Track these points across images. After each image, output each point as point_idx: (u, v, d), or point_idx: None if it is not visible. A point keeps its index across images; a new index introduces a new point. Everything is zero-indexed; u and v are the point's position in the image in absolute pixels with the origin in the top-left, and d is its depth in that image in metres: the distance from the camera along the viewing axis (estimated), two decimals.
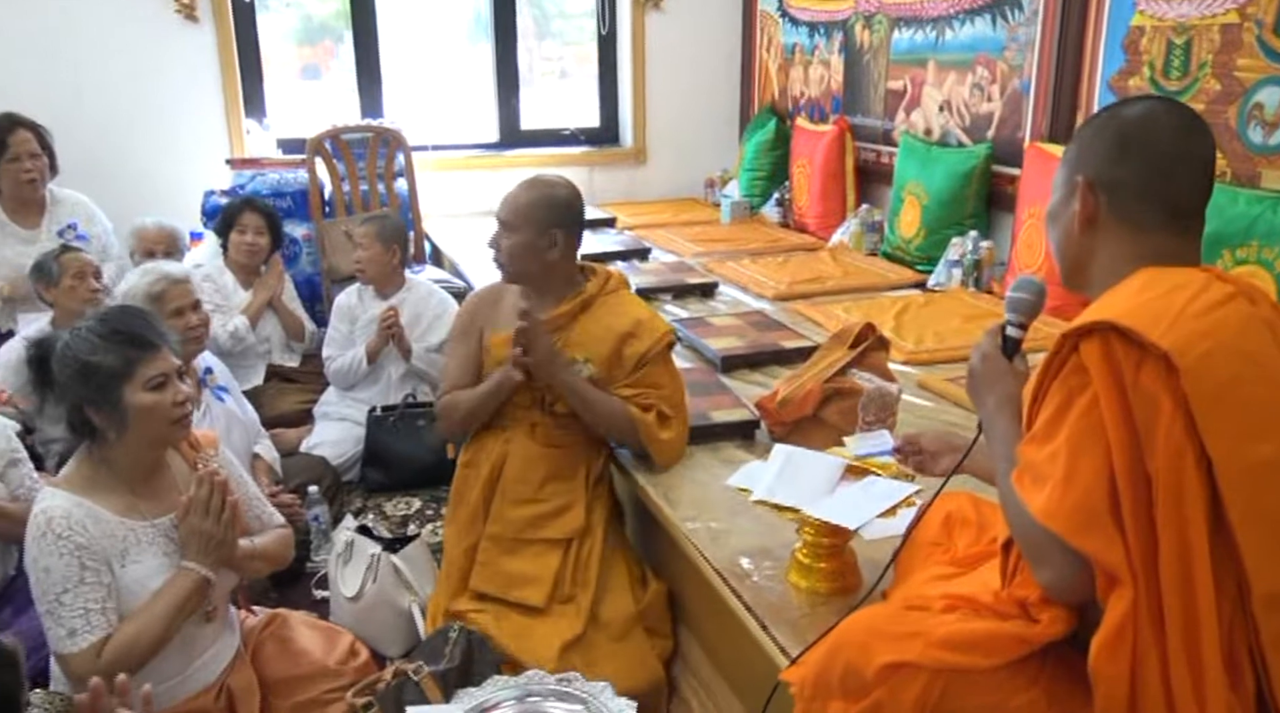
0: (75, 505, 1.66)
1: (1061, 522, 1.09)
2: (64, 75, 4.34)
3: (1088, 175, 1.23)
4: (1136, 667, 1.07)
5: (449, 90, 5.28)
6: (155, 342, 1.73)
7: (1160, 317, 1.09)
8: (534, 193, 2.16)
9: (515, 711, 1.76)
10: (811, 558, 1.71)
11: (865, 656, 1.18)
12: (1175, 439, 1.05)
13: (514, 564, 2.10)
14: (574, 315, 2.19)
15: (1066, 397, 1.13)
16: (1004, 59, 3.48)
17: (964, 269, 3.47)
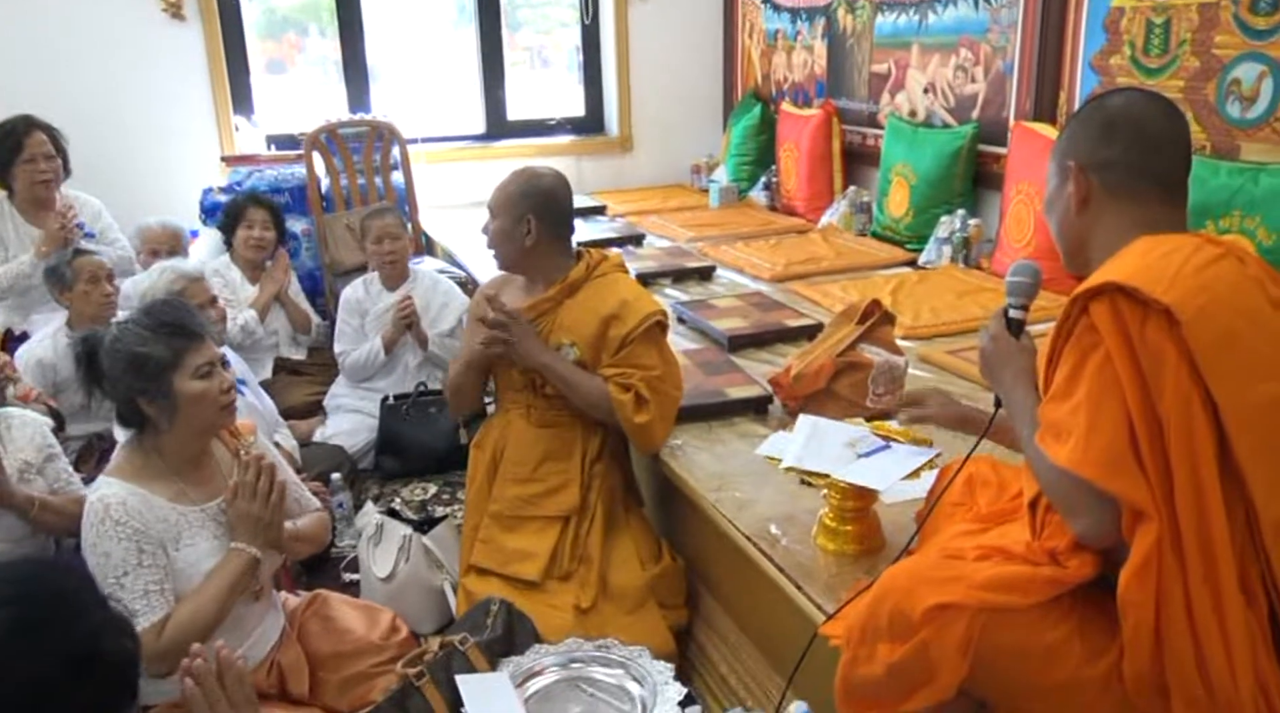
0: (130, 493, 1.73)
1: (1091, 468, 1.18)
2: (54, 77, 4.33)
3: (1078, 160, 1.35)
4: (1161, 594, 1.17)
5: (435, 83, 5.31)
6: (199, 331, 1.80)
7: (1161, 276, 1.19)
8: (515, 182, 2.27)
9: (560, 674, 1.85)
10: (838, 521, 1.80)
11: (911, 600, 1.27)
12: (1181, 385, 1.15)
13: (512, 540, 2.19)
14: (559, 300, 2.26)
15: (1080, 356, 1.22)
16: (987, 41, 3.58)
17: (953, 246, 3.58)
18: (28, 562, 1.46)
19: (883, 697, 1.31)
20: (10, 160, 3.25)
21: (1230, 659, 1.15)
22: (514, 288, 2.34)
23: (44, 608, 0.99)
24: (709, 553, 2.16)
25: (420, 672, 1.79)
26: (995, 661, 1.25)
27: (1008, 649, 1.24)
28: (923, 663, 1.26)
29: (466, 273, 3.93)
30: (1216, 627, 1.15)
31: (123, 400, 1.77)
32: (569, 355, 2.22)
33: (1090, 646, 1.24)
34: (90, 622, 1.01)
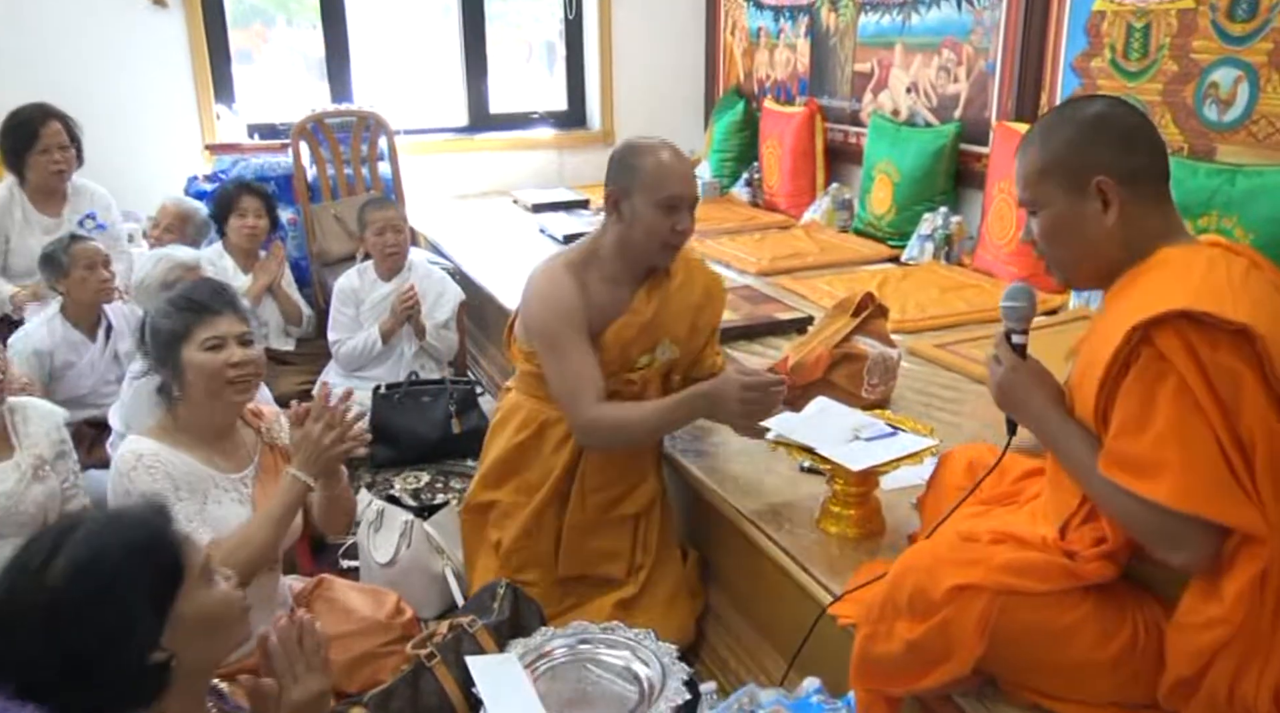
0: (161, 447, 1.80)
1: (1201, 502, 1.16)
2: (35, 64, 4.27)
3: (1103, 172, 1.30)
4: (1249, 613, 1.17)
5: (417, 75, 5.31)
6: (216, 307, 1.85)
7: (1221, 295, 1.18)
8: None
9: (569, 656, 1.89)
10: (841, 506, 1.86)
11: (932, 580, 1.32)
12: (1259, 402, 1.16)
13: (595, 541, 2.14)
14: (665, 297, 2.08)
15: (1149, 386, 1.19)
16: (970, 42, 3.65)
17: (935, 243, 3.65)
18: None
19: (900, 673, 1.37)
20: (26, 149, 3.23)
21: (1262, 674, 1.18)
22: (597, 281, 2.07)
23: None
24: (716, 543, 2.20)
25: (431, 653, 1.82)
26: (1011, 640, 1.30)
27: (1023, 630, 1.30)
28: (942, 641, 1.31)
29: (454, 264, 3.95)
30: (1266, 645, 1.18)
31: (152, 365, 1.87)
32: (667, 355, 2.10)
33: (1102, 630, 1.29)
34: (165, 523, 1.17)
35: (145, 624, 1.09)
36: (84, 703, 1.09)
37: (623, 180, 2.01)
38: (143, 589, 1.09)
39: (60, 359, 2.83)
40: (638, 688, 1.80)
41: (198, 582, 1.16)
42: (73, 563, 1.06)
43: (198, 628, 1.14)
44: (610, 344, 2.04)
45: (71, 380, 2.86)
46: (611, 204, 2.03)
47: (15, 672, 1.06)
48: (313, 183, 4.20)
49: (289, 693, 1.29)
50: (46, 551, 1.08)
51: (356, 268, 3.46)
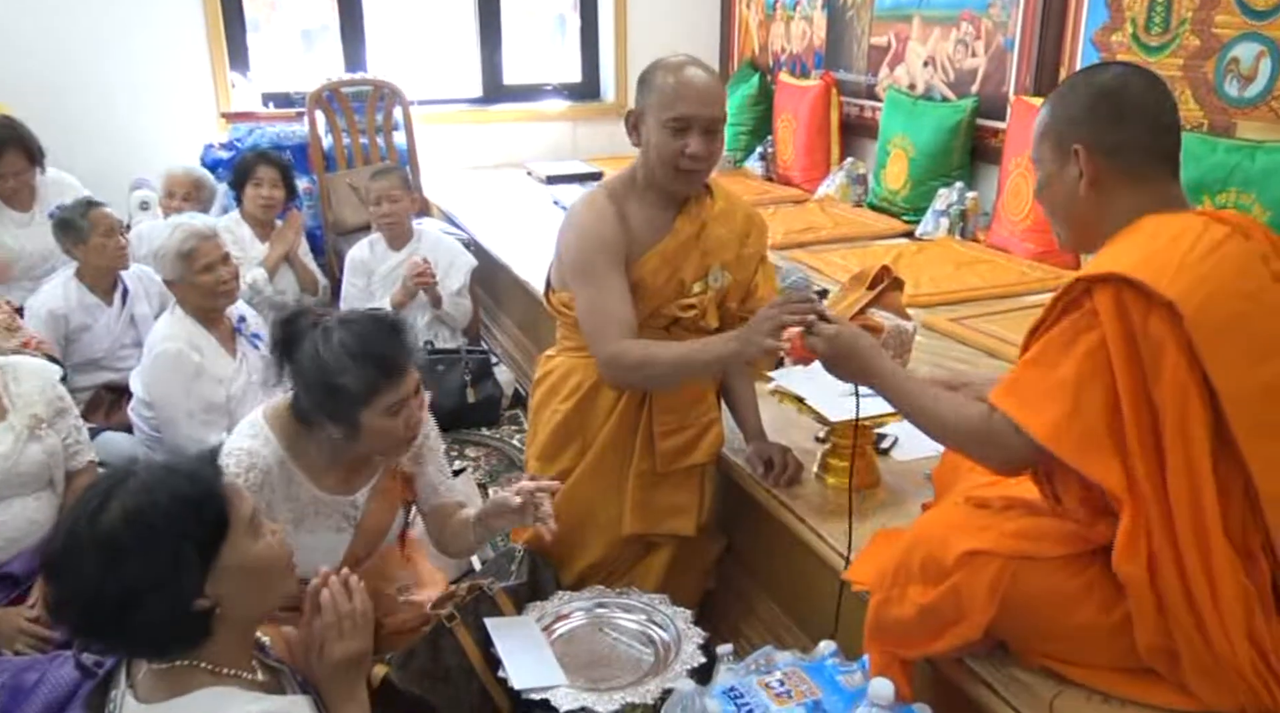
0: (279, 464, 1.70)
1: (1067, 447, 1.23)
2: (51, 30, 4.28)
3: (1085, 142, 1.33)
4: (1153, 564, 1.23)
5: (431, 43, 5.30)
6: (403, 365, 1.68)
7: (1165, 266, 1.21)
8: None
9: (586, 618, 1.92)
10: (840, 458, 1.91)
11: (944, 546, 1.35)
12: (1179, 375, 1.19)
13: (661, 496, 2.04)
14: (704, 219, 2.01)
15: (1073, 333, 1.25)
16: (988, 16, 3.63)
17: (950, 219, 3.65)
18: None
19: (913, 636, 1.39)
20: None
21: (1225, 625, 1.21)
22: (636, 208, 1.98)
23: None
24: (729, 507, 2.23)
25: (451, 613, 1.85)
26: (1021, 604, 1.32)
27: (1033, 594, 1.32)
28: (954, 605, 1.33)
29: (468, 235, 3.96)
30: (1210, 596, 1.21)
31: (305, 404, 1.71)
32: (721, 281, 2.02)
33: (1105, 595, 1.31)
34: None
35: (190, 571, 1.14)
36: (132, 643, 1.17)
37: (638, 100, 1.93)
38: (189, 538, 1.14)
39: (76, 322, 2.86)
40: (653, 651, 1.84)
41: (244, 533, 1.20)
42: (124, 509, 1.13)
43: (242, 578, 1.19)
44: (658, 268, 1.96)
45: (87, 343, 2.88)
46: (631, 126, 1.95)
47: (71, 609, 1.14)
48: (328, 152, 4.21)
49: (331, 651, 1.32)
50: (101, 497, 1.14)
51: (368, 239, 3.47)
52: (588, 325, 1.95)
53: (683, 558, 2.13)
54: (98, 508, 1.13)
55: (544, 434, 2.09)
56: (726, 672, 1.47)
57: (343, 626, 1.33)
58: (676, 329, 2.02)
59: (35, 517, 2.00)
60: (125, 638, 1.16)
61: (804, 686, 1.39)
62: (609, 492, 2.05)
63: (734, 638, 2.13)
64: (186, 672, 1.17)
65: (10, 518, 1.96)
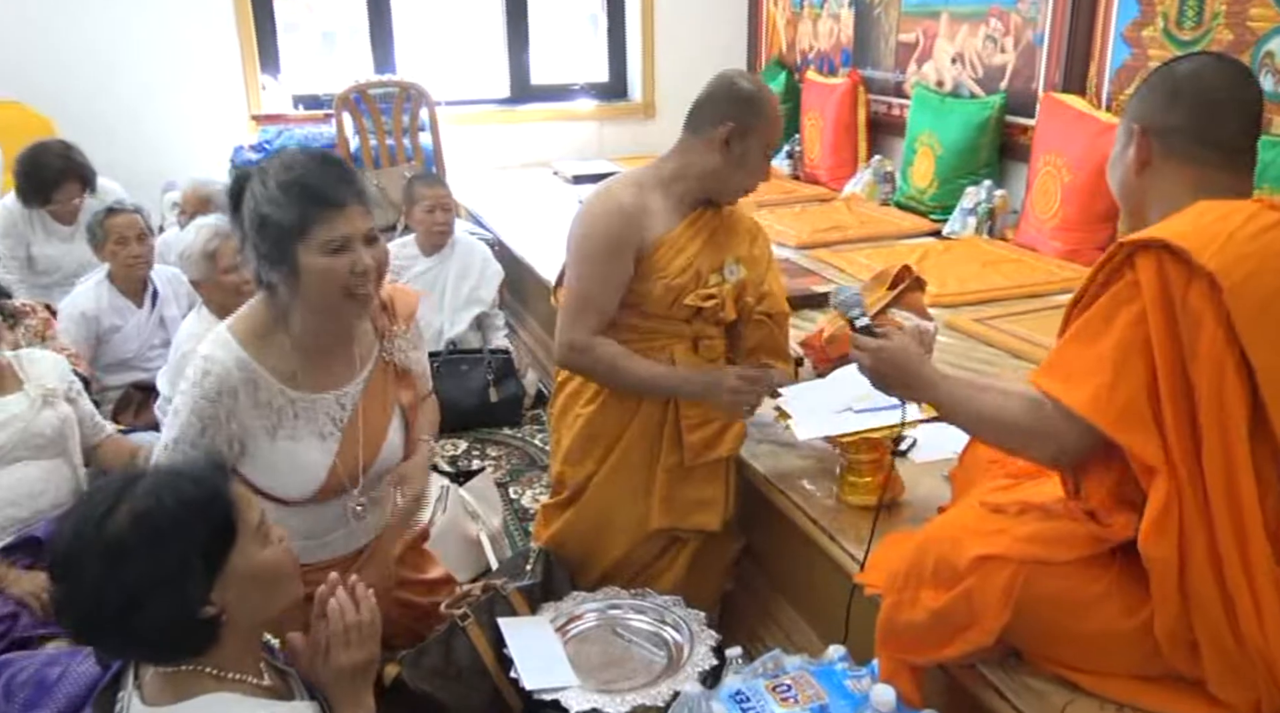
0: (239, 368, 1.57)
1: (1109, 418, 1.21)
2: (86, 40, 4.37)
3: (1142, 123, 1.36)
4: (1185, 549, 1.20)
5: (459, 44, 5.33)
6: (338, 198, 1.54)
7: (1212, 239, 1.19)
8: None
9: (597, 619, 1.92)
10: (856, 474, 1.87)
11: (957, 550, 1.33)
12: (1216, 350, 1.17)
13: (689, 490, 2.03)
14: (713, 220, 2.05)
15: (1114, 305, 1.24)
16: (1018, 11, 3.58)
17: (978, 217, 3.60)
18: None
19: (924, 641, 1.37)
20: (39, 201, 3.31)
21: (1259, 611, 1.19)
22: (656, 205, 1.98)
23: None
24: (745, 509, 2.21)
25: (465, 613, 1.86)
26: (1035, 610, 1.30)
27: (1047, 600, 1.29)
28: (966, 610, 1.31)
29: (494, 235, 3.97)
30: (1245, 581, 1.18)
31: (251, 257, 1.59)
32: (736, 274, 2.03)
33: (1126, 600, 1.28)
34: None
35: (196, 578, 1.13)
36: (135, 648, 1.16)
37: (748, 119, 1.93)
38: (197, 543, 1.14)
39: (107, 323, 2.91)
40: (666, 653, 1.83)
41: (252, 540, 1.20)
42: (133, 513, 1.12)
43: (249, 585, 1.18)
44: (672, 256, 1.97)
45: (118, 344, 2.94)
46: (724, 138, 1.93)
47: (74, 611, 1.13)
48: (355, 153, 4.24)
49: (337, 658, 1.30)
50: (110, 499, 1.13)
51: (398, 241, 3.50)
52: (567, 303, 1.99)
53: (702, 557, 2.12)
54: (106, 511, 1.12)
55: (569, 440, 2.09)
56: (734, 675, 1.46)
57: (349, 635, 1.31)
58: (698, 321, 2.04)
59: (50, 478, 2.11)
60: (127, 642, 1.15)
61: (811, 690, 1.37)
62: (634, 490, 2.06)
63: (750, 640, 2.13)
64: (192, 676, 1.17)
65: (24, 478, 2.07)
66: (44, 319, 2.75)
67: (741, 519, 2.17)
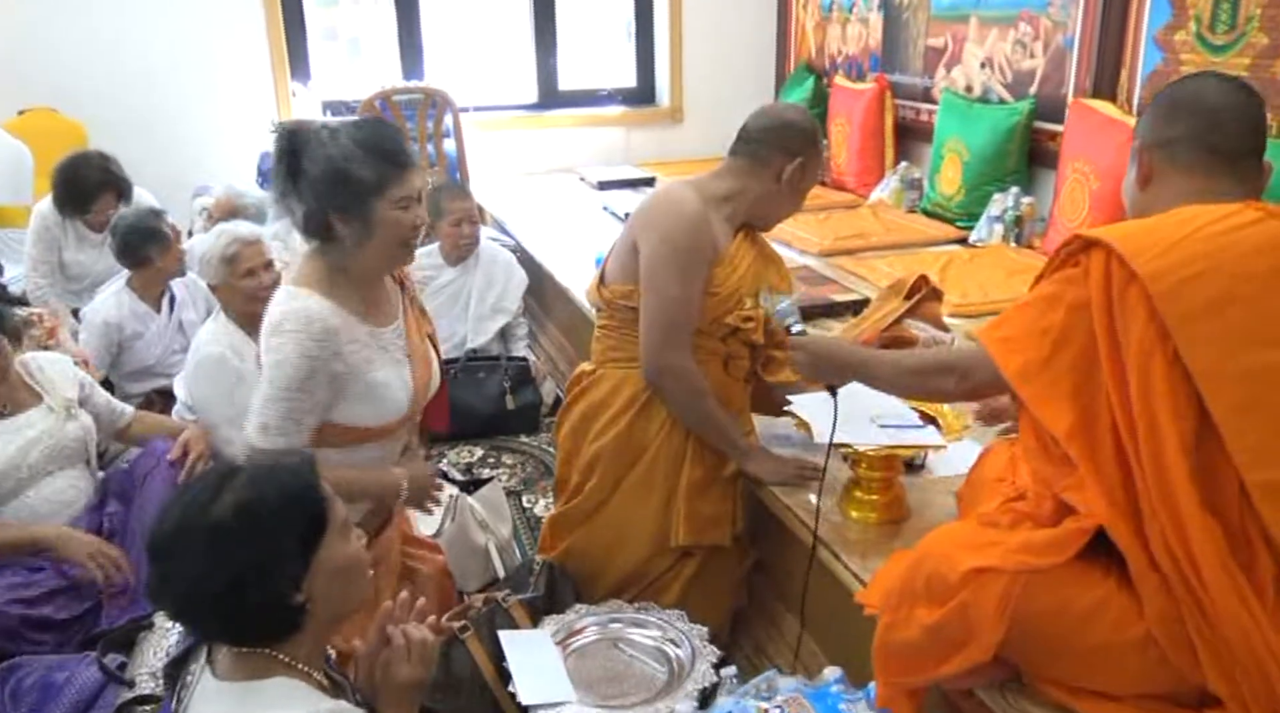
0: (332, 313, 1.69)
1: (1029, 390, 1.29)
2: (112, 40, 4.43)
3: (1143, 141, 1.41)
4: (1143, 526, 1.21)
5: (488, 50, 5.34)
6: (408, 162, 1.73)
7: (1155, 244, 1.24)
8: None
9: (598, 634, 1.90)
10: (864, 491, 1.83)
11: (950, 564, 1.29)
12: (1146, 345, 1.22)
13: (705, 506, 2.03)
14: (750, 241, 2.07)
15: (1064, 285, 1.30)
16: (1048, 15, 3.51)
17: (1005, 225, 3.54)
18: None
19: (920, 660, 1.34)
20: (76, 212, 3.35)
21: (1210, 595, 1.17)
22: (713, 217, 1.98)
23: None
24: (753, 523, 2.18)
25: (464, 625, 1.85)
26: (1032, 623, 1.26)
27: (1045, 611, 1.26)
28: (961, 625, 1.28)
29: (515, 241, 3.97)
30: (1194, 576, 1.18)
31: (314, 210, 1.69)
32: (769, 302, 1.99)
33: (1126, 609, 1.25)
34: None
35: (292, 563, 1.19)
36: (227, 629, 1.22)
37: (803, 150, 1.98)
38: (294, 532, 1.20)
39: (129, 330, 2.95)
40: (667, 669, 1.81)
41: (338, 534, 1.25)
42: (236, 500, 1.18)
43: (333, 577, 1.24)
44: (725, 277, 1.97)
45: (140, 351, 2.97)
46: (780, 166, 1.97)
47: (177, 590, 1.19)
48: None
49: (397, 672, 1.34)
50: (213, 489, 1.20)
51: (423, 250, 3.50)
52: (660, 324, 1.94)
53: (709, 571, 2.09)
54: (210, 498, 1.18)
55: (591, 452, 2.06)
56: (727, 696, 1.44)
57: (411, 651, 1.34)
58: (733, 341, 2.03)
59: (77, 484, 2.21)
60: (221, 623, 1.20)
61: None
62: (655, 505, 2.04)
63: (759, 657, 2.10)
64: (266, 659, 1.21)
65: (60, 489, 2.18)
66: (48, 328, 2.79)
67: (751, 533, 2.14)
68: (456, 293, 3.45)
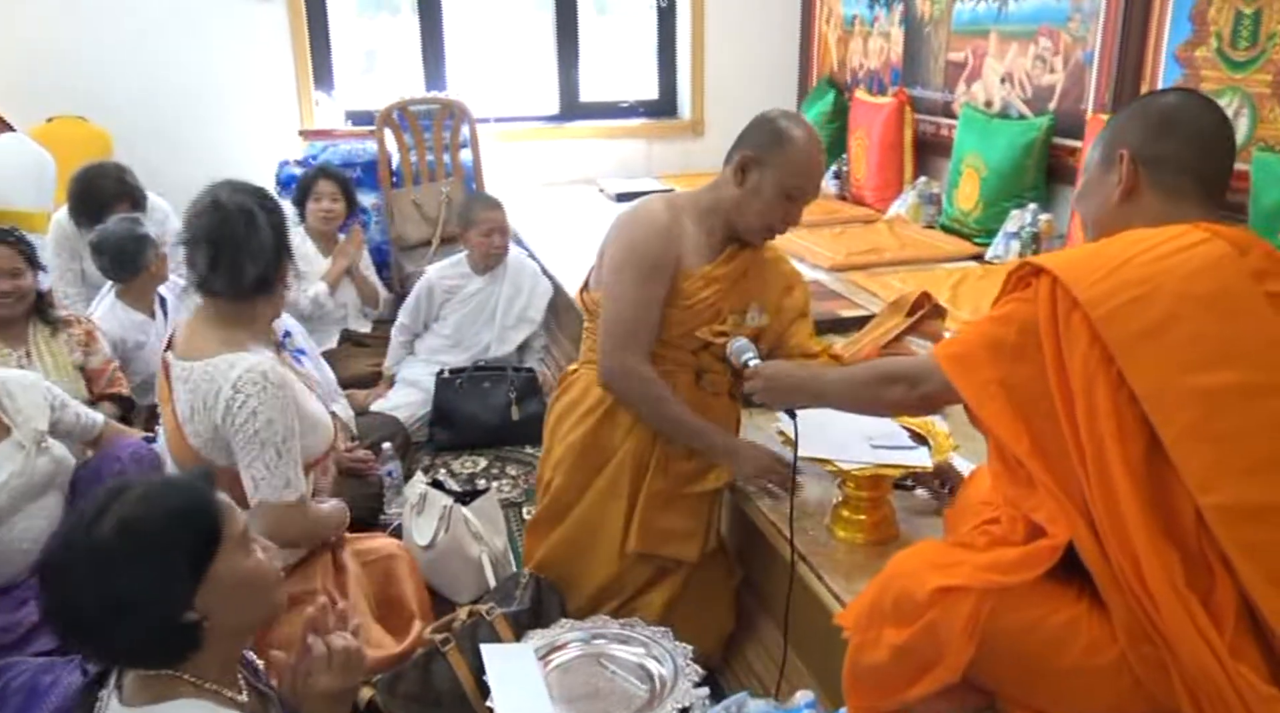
0: (268, 362, 1.79)
1: (987, 410, 1.28)
2: (141, 50, 4.50)
3: (1131, 150, 1.35)
4: (1103, 544, 1.19)
5: (511, 62, 5.37)
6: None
7: (1096, 269, 1.23)
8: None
9: (581, 650, 1.88)
10: (852, 510, 1.80)
11: (917, 582, 1.27)
12: (1089, 367, 1.21)
13: (666, 519, 2.00)
14: (753, 262, 2.04)
15: (1014, 309, 1.30)
16: (1067, 30, 3.46)
17: (1022, 241, 3.48)
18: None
19: (890, 682, 1.31)
20: (91, 220, 3.28)
21: (1161, 617, 1.15)
22: (689, 229, 1.97)
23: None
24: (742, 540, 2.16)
25: (446, 638, 1.84)
26: (1002, 643, 1.24)
27: (1014, 630, 1.24)
28: (930, 644, 1.25)
29: (527, 251, 3.97)
30: (1148, 601, 1.15)
31: (263, 269, 1.84)
32: (757, 320, 2.02)
33: (1099, 632, 1.22)
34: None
35: (180, 583, 1.18)
36: (120, 651, 1.21)
37: (765, 149, 1.91)
38: (181, 550, 1.18)
39: (131, 341, 2.95)
40: (649, 686, 1.79)
41: (235, 548, 1.23)
42: (120, 520, 1.16)
43: (231, 592, 1.22)
44: (698, 291, 1.95)
45: (144, 361, 2.96)
46: (740, 167, 1.92)
47: (60, 612, 1.18)
48: (396, 169, 4.30)
49: (317, 682, 1.33)
50: (99, 508, 1.19)
51: (450, 260, 3.53)
52: (614, 327, 1.95)
53: (695, 588, 2.07)
54: (94, 518, 1.17)
55: (560, 449, 2.08)
56: None
57: (333, 659, 1.33)
58: (705, 355, 2.00)
59: (49, 514, 2.09)
60: (113, 646, 1.19)
61: None
62: (620, 512, 2.02)
63: (749, 677, 2.07)
64: (170, 681, 1.20)
65: (30, 524, 2.05)
66: (87, 331, 2.81)
67: (739, 551, 2.11)
68: (483, 302, 3.46)
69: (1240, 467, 1.16)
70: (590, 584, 2.05)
